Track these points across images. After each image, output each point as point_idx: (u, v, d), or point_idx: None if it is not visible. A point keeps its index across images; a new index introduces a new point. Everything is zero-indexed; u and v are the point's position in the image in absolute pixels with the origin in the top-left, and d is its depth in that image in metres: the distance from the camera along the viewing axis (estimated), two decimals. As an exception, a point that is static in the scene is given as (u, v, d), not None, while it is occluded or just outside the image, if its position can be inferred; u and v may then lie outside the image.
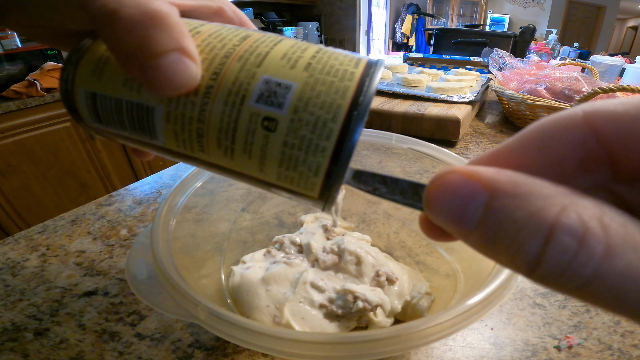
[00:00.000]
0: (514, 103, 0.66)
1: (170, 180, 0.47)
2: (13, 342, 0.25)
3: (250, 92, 0.12)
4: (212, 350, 0.24)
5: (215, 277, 0.29)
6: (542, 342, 0.25)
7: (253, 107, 0.12)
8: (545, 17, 4.24)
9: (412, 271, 0.30)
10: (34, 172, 1.21)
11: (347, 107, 0.12)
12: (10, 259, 0.32)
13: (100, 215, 0.39)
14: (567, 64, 0.88)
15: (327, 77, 0.12)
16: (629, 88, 0.49)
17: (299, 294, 0.25)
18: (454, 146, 0.60)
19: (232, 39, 0.13)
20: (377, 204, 0.37)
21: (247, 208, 0.34)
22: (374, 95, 0.12)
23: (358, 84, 0.12)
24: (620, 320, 0.27)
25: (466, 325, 0.16)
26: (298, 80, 0.12)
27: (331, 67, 0.13)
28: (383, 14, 4.41)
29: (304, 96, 0.12)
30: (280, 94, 0.12)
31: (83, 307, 0.27)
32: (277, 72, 0.12)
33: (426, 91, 0.69)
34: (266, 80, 0.12)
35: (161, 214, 0.23)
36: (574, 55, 2.19)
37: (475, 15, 4.58)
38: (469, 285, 0.25)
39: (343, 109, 0.12)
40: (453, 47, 1.36)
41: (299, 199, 0.14)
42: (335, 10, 3.07)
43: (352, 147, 0.12)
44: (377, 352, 0.16)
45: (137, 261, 0.21)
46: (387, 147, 0.33)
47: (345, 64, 0.13)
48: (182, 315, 0.17)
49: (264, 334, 0.16)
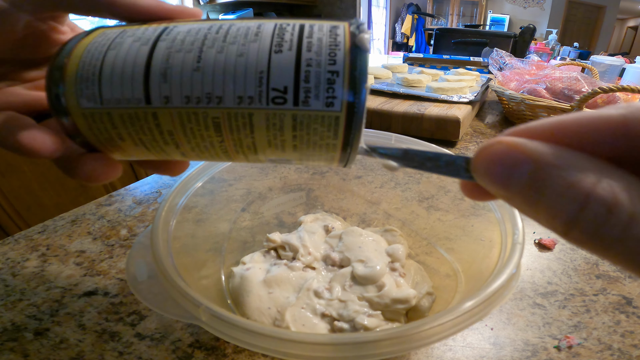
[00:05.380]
0: (514, 103, 0.66)
1: (170, 180, 0.47)
2: (13, 342, 0.25)
3: (264, 161, 0.15)
4: (212, 350, 0.24)
5: (216, 278, 0.29)
6: (542, 342, 0.25)
7: (272, 163, 0.16)
8: (545, 17, 4.24)
9: (419, 267, 0.30)
10: (34, 172, 1.21)
11: (337, 160, 0.15)
12: (10, 259, 0.32)
13: (100, 215, 0.39)
14: (567, 64, 0.88)
15: (314, 152, 0.14)
16: (629, 88, 0.49)
17: (301, 300, 0.25)
18: (454, 146, 0.60)
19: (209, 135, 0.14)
20: (377, 204, 0.37)
21: (247, 208, 0.34)
22: (357, 153, 0.15)
23: (340, 154, 0.14)
24: (620, 320, 0.27)
25: (467, 325, 0.16)
26: (294, 158, 0.15)
27: (314, 145, 0.14)
28: (383, 14, 4.41)
29: (305, 160, 0.15)
30: (286, 161, 0.16)
31: (83, 307, 0.27)
32: (274, 154, 0.15)
33: (426, 91, 0.69)
34: (271, 159, 0.15)
35: (161, 214, 0.23)
36: (574, 55, 2.19)
37: (475, 15, 4.58)
38: (469, 285, 0.25)
39: (335, 162, 0.15)
40: (453, 47, 1.36)
41: None
42: (335, 10, 3.07)
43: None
44: (378, 352, 0.16)
45: (137, 261, 0.21)
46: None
47: (325, 136, 0.14)
48: (182, 316, 0.17)
49: (264, 334, 0.16)
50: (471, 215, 0.29)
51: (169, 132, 0.14)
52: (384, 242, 0.31)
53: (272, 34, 0.13)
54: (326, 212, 0.37)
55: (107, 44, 0.14)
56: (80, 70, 0.14)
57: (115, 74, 0.14)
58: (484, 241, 0.26)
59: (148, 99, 0.13)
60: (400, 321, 0.26)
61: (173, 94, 0.13)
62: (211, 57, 0.13)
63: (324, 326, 0.24)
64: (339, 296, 0.26)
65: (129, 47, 0.14)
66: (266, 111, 0.13)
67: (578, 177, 0.09)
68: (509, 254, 0.20)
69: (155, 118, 0.14)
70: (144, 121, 0.14)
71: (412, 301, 0.25)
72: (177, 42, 0.14)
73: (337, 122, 0.13)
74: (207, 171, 0.29)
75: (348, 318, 0.24)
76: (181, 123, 0.14)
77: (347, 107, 0.13)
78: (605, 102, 0.60)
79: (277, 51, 0.13)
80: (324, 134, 0.13)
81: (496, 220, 0.25)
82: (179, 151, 0.15)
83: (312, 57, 0.13)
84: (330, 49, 0.13)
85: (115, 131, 0.14)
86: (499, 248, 0.23)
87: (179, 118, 0.13)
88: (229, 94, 0.13)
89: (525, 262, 0.33)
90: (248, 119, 0.13)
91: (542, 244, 0.36)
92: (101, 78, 0.14)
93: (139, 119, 0.14)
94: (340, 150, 0.14)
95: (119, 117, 0.14)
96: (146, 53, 0.14)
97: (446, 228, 0.32)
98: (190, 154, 0.15)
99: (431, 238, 0.32)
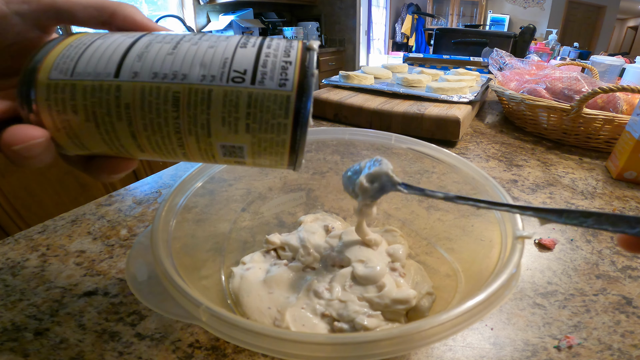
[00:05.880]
0: (514, 103, 0.66)
1: (170, 180, 0.47)
2: (13, 342, 0.25)
3: (216, 153, 0.16)
4: (212, 350, 0.24)
5: (216, 278, 0.29)
6: (542, 342, 0.25)
7: (223, 158, 0.17)
8: (545, 17, 4.24)
9: (419, 267, 0.30)
10: (34, 172, 1.21)
11: (288, 153, 0.16)
12: (10, 259, 0.32)
13: (100, 215, 0.39)
14: (567, 64, 0.88)
15: (266, 134, 0.15)
16: (629, 88, 0.49)
17: (301, 300, 0.25)
18: (454, 146, 0.60)
19: (166, 109, 0.15)
20: (376, 204, 0.37)
21: (247, 208, 0.34)
22: (306, 133, 0.16)
23: (291, 136, 0.15)
24: (620, 320, 0.27)
25: (467, 325, 0.16)
26: (246, 143, 0.16)
27: (267, 124, 0.15)
28: (383, 14, 4.41)
29: (255, 150, 0.16)
30: (238, 151, 0.16)
31: (83, 307, 0.27)
32: (226, 138, 0.15)
33: (426, 91, 0.69)
34: (222, 145, 0.16)
35: (161, 214, 0.23)
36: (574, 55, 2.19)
37: (475, 15, 4.58)
38: (469, 285, 0.25)
39: (286, 155, 0.16)
40: (453, 47, 1.36)
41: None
42: (335, 10, 3.07)
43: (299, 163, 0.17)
44: (378, 352, 0.16)
45: (137, 262, 0.21)
46: (387, 147, 0.33)
47: (277, 114, 0.15)
48: (182, 316, 0.17)
49: (264, 334, 0.16)
50: (471, 215, 0.29)
51: (126, 106, 0.15)
52: (384, 242, 0.31)
53: (239, 38, 0.16)
54: (326, 212, 0.37)
55: (98, 37, 0.16)
56: (66, 50, 0.16)
57: (96, 54, 0.15)
58: (484, 241, 0.26)
59: (117, 73, 0.15)
60: (400, 321, 0.26)
61: (143, 70, 0.15)
62: (185, 47, 0.15)
63: (324, 326, 0.24)
64: (339, 296, 0.26)
65: (117, 38, 0.16)
66: (225, 88, 0.15)
67: None
68: (509, 254, 0.20)
69: (118, 90, 0.15)
70: (105, 93, 0.15)
71: (412, 301, 0.25)
72: (159, 37, 0.16)
73: (288, 100, 0.15)
74: (207, 171, 0.29)
75: (348, 318, 0.24)
76: (142, 96, 0.15)
77: (297, 88, 0.15)
78: (605, 102, 0.60)
79: (242, 46, 0.16)
80: (276, 112, 0.15)
81: (496, 220, 0.25)
82: (130, 130, 0.15)
83: (270, 52, 0.15)
84: (286, 48, 0.16)
85: (72, 103, 0.15)
86: (499, 248, 0.23)
87: (140, 91, 0.15)
88: (194, 73, 0.15)
89: (525, 262, 0.33)
90: (207, 95, 0.15)
91: (542, 244, 0.36)
92: (81, 56, 0.15)
93: (101, 90, 0.15)
94: (290, 134, 0.15)
95: (82, 88, 0.15)
96: (130, 42, 0.16)
97: (446, 228, 0.32)
98: (141, 134, 0.16)
99: (431, 238, 0.32)
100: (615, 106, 0.59)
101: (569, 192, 0.46)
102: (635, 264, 0.33)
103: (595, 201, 0.43)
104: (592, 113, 0.55)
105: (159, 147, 0.16)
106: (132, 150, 0.17)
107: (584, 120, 0.56)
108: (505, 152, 0.59)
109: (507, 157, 0.57)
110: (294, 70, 0.15)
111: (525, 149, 0.60)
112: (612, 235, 0.37)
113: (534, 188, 0.47)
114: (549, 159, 0.57)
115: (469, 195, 0.29)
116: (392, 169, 0.25)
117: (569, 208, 0.17)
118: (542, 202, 0.43)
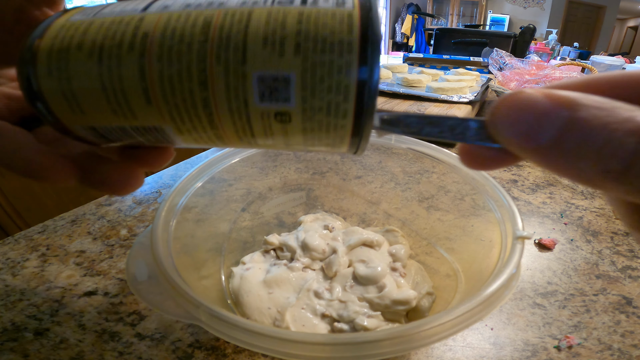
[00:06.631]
0: (514, 103, 0.66)
1: (170, 180, 0.47)
2: (13, 342, 0.25)
3: (250, 93, 0.11)
4: (212, 351, 0.24)
5: (216, 278, 0.29)
6: (542, 342, 0.25)
7: (259, 107, 0.12)
8: (545, 17, 4.24)
9: (419, 267, 0.30)
10: (34, 172, 1.21)
11: (356, 83, 0.11)
12: (10, 259, 0.32)
13: (100, 215, 0.39)
14: (567, 64, 0.88)
15: (323, 56, 0.11)
16: (629, 88, 0.49)
17: (302, 300, 0.25)
18: (454, 146, 0.60)
19: (192, 33, 0.12)
20: (376, 204, 0.37)
21: (247, 208, 0.34)
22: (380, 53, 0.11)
23: (359, 56, 0.11)
24: (620, 320, 0.27)
25: (467, 325, 0.16)
26: (294, 69, 0.11)
27: (324, 43, 0.11)
28: (383, 14, 4.41)
29: (308, 84, 0.11)
30: (282, 89, 0.11)
31: (83, 307, 0.27)
32: (267, 65, 0.11)
33: (426, 91, 0.69)
34: (260, 78, 0.11)
35: (161, 214, 0.23)
36: (574, 55, 2.19)
37: (475, 15, 4.58)
38: (469, 285, 0.25)
39: (352, 86, 0.11)
40: (453, 47, 1.36)
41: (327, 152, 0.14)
42: (335, 10, 3.07)
43: (372, 111, 0.12)
44: (378, 352, 0.16)
45: (137, 262, 0.21)
46: (387, 147, 0.33)
47: (338, 31, 0.11)
48: (182, 316, 0.17)
49: (265, 335, 0.16)
50: (471, 215, 0.29)
51: (144, 35, 0.12)
52: (385, 242, 0.31)
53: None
54: (326, 212, 0.37)
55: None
56: (77, 14, 0.13)
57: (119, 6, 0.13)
58: (484, 241, 0.26)
59: (146, 8, 0.12)
60: (400, 322, 0.26)
61: (175, 3, 0.12)
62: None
63: (324, 327, 0.24)
64: (339, 297, 0.26)
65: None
66: (269, 8, 0.12)
67: (629, 114, 0.08)
68: (509, 254, 0.20)
69: (140, 21, 0.12)
70: (124, 25, 0.12)
71: (412, 302, 0.25)
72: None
73: (350, 16, 0.11)
74: (207, 171, 0.29)
75: (348, 319, 0.24)
76: (166, 23, 0.12)
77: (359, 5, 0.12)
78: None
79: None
80: (335, 27, 0.11)
81: (496, 220, 0.25)
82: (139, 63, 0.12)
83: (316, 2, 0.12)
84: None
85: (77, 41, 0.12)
86: (499, 248, 0.23)
87: (166, 19, 0.12)
88: (232, 1, 0.12)
89: (525, 262, 0.33)
90: (246, 15, 0.12)
91: (542, 244, 0.36)
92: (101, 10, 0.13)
93: (120, 23, 0.12)
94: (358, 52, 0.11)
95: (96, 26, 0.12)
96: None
97: (446, 228, 0.32)
98: (153, 66, 0.12)
99: (431, 238, 0.32)
100: (615, 106, 0.60)
101: (569, 192, 0.46)
102: (635, 264, 0.33)
103: (595, 201, 0.43)
104: (592, 113, 0.55)
105: (173, 91, 0.12)
106: (136, 104, 0.12)
107: (584, 120, 0.56)
108: (505, 152, 0.59)
109: (507, 157, 0.56)
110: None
111: (525, 149, 0.60)
112: (612, 235, 0.37)
113: (534, 188, 0.47)
114: (549, 159, 0.57)
115: (469, 195, 0.29)
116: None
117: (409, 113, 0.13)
118: (542, 202, 0.43)
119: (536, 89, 0.10)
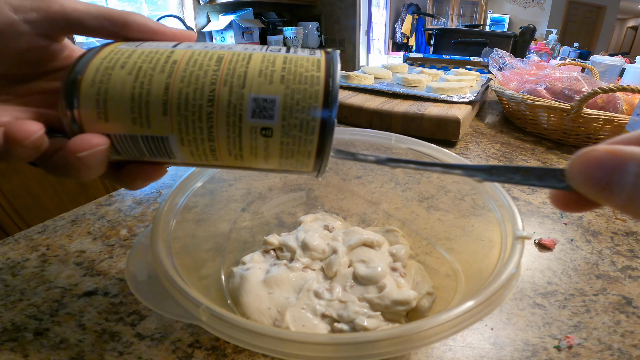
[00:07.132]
0: (514, 103, 0.66)
1: (170, 180, 0.47)
2: (13, 342, 0.25)
3: (245, 110, 0.16)
4: (212, 351, 0.24)
5: (216, 278, 0.29)
6: (542, 342, 0.25)
7: (250, 122, 0.16)
8: (545, 17, 4.24)
9: (419, 267, 0.30)
10: (34, 172, 1.21)
11: (321, 106, 0.16)
12: (10, 259, 0.32)
13: (100, 215, 0.39)
14: (567, 64, 0.88)
15: (299, 86, 0.16)
16: (629, 88, 0.49)
17: (302, 301, 0.25)
18: (454, 146, 0.60)
19: (209, 64, 0.16)
20: (377, 204, 0.37)
21: (247, 208, 0.34)
22: (338, 89, 0.16)
23: (324, 86, 0.16)
24: (620, 320, 0.27)
25: (467, 325, 0.16)
26: (279, 94, 0.16)
27: (300, 76, 0.16)
28: (383, 14, 4.41)
29: (287, 105, 0.16)
30: (269, 108, 0.16)
31: (83, 307, 0.27)
32: (260, 89, 0.16)
33: (426, 91, 0.69)
34: (254, 99, 0.16)
35: (161, 214, 0.23)
36: (574, 55, 2.19)
37: (475, 15, 4.58)
38: (469, 285, 0.25)
39: (319, 109, 0.16)
40: (453, 47, 1.36)
41: (295, 174, 0.19)
42: (335, 10, 3.07)
43: (332, 132, 0.16)
44: (378, 352, 0.16)
45: (137, 262, 0.21)
46: (387, 147, 0.33)
47: (310, 69, 0.16)
48: (182, 316, 0.17)
49: (264, 335, 0.16)
50: (471, 215, 0.29)
51: (173, 62, 0.16)
52: (385, 242, 0.31)
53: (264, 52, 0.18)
54: (326, 212, 0.37)
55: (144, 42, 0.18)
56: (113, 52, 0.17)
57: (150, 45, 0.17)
58: (484, 241, 0.26)
59: (175, 45, 0.17)
60: (400, 322, 0.26)
61: (196, 46, 0.17)
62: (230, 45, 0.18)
63: (324, 327, 0.24)
64: (339, 297, 0.26)
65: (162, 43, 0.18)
66: (263, 53, 0.17)
67: None
68: (509, 254, 0.20)
69: (171, 53, 0.17)
70: (159, 54, 0.16)
71: (412, 303, 0.25)
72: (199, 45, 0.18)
73: (319, 61, 0.17)
74: (207, 171, 0.29)
75: (348, 319, 0.24)
76: (190, 55, 0.16)
77: (325, 54, 0.17)
78: (605, 102, 0.60)
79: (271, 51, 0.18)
80: (309, 67, 0.16)
81: (496, 220, 0.25)
82: (165, 82, 0.16)
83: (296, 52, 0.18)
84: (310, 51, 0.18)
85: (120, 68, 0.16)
86: (499, 248, 0.23)
87: (190, 53, 0.17)
88: (238, 47, 0.17)
89: (525, 262, 0.33)
90: (248, 56, 0.17)
91: (542, 244, 0.36)
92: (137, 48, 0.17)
93: (156, 53, 0.16)
94: (323, 84, 0.16)
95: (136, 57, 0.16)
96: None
97: (446, 228, 0.32)
98: (175, 85, 0.16)
99: (431, 238, 0.32)
100: (615, 106, 0.60)
101: (569, 192, 0.46)
102: (635, 264, 0.33)
103: (595, 201, 0.43)
104: (592, 113, 0.55)
105: (186, 105, 0.16)
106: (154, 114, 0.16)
107: (584, 120, 0.56)
108: (505, 152, 0.59)
109: (507, 157, 0.57)
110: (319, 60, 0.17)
111: (525, 149, 0.60)
112: (612, 236, 0.37)
113: (534, 188, 0.47)
114: (549, 159, 0.57)
115: (469, 195, 0.29)
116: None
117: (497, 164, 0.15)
118: (542, 202, 0.43)
119: (603, 146, 0.11)
